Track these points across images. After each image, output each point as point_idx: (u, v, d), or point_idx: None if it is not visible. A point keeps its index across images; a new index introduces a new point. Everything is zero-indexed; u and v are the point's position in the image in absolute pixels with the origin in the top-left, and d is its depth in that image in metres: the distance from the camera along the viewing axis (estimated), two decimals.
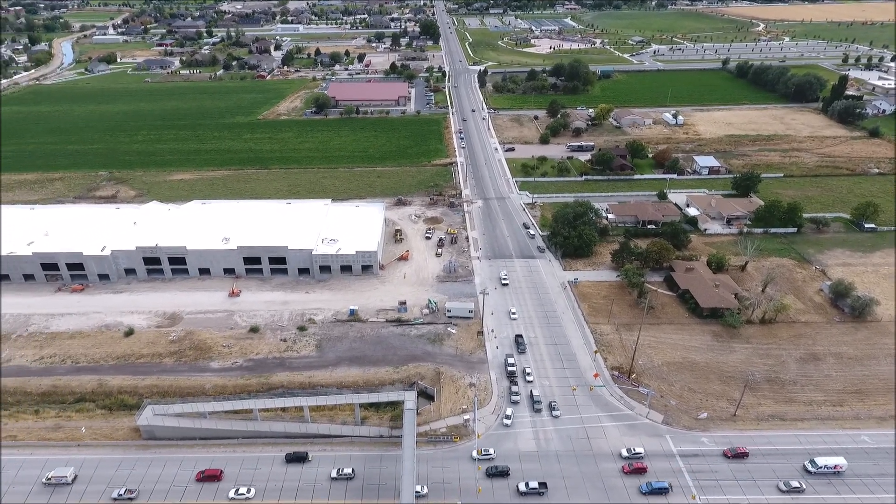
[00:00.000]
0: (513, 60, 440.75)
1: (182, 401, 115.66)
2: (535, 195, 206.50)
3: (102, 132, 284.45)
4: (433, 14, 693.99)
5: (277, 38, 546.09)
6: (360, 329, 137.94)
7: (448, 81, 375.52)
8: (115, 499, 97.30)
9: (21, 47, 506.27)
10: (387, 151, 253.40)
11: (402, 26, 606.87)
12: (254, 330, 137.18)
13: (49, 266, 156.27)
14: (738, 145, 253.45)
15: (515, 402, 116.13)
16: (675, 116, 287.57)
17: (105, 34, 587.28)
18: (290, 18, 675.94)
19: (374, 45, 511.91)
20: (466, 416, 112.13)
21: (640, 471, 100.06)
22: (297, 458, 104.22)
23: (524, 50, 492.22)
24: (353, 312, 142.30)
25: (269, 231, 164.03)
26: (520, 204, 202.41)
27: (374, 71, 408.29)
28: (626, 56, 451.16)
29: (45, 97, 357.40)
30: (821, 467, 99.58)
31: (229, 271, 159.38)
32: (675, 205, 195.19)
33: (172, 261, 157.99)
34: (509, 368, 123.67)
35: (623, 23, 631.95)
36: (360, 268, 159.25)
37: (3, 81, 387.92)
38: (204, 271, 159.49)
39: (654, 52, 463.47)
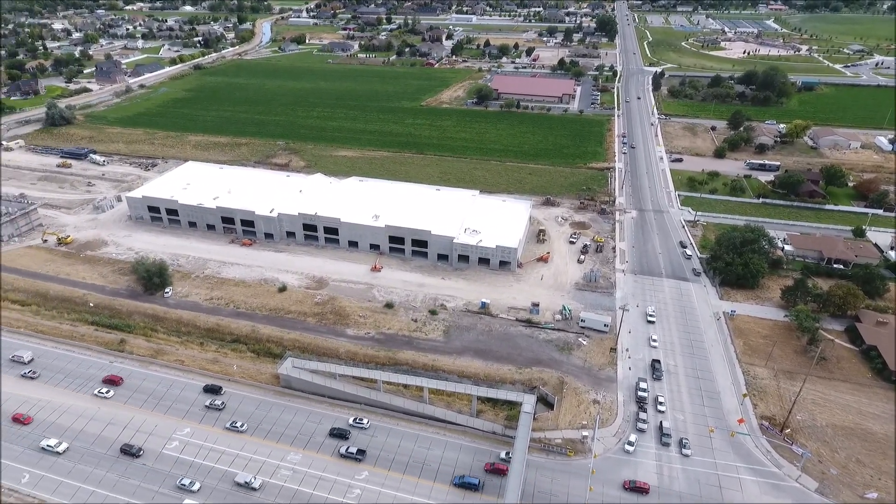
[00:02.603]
0: (696, 64, 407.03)
1: (318, 359, 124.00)
2: (699, 213, 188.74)
3: (285, 105, 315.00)
4: (612, 9, 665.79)
5: (450, 27, 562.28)
6: (489, 323, 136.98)
7: (618, 82, 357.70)
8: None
9: (231, 25, 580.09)
10: (542, 149, 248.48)
11: (578, 21, 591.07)
12: (389, 306, 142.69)
13: (227, 220, 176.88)
14: None
15: (641, 430, 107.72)
16: (892, 142, 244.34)
17: (299, 17, 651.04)
18: (465, 8, 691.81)
19: (544, 39, 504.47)
20: (585, 433, 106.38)
21: None
22: (213, 390, 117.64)
23: (711, 53, 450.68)
24: (484, 305, 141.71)
25: (416, 214, 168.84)
26: (679, 220, 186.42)
27: (541, 66, 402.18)
28: (837, 67, 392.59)
29: (243, 70, 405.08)
30: None
31: (375, 247, 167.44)
32: (875, 245, 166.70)
33: (327, 230, 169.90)
34: (640, 393, 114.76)
35: (840, 28, 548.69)
36: (498, 262, 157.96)
37: (213, 55, 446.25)
38: (353, 244, 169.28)
39: (877, 65, 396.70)
